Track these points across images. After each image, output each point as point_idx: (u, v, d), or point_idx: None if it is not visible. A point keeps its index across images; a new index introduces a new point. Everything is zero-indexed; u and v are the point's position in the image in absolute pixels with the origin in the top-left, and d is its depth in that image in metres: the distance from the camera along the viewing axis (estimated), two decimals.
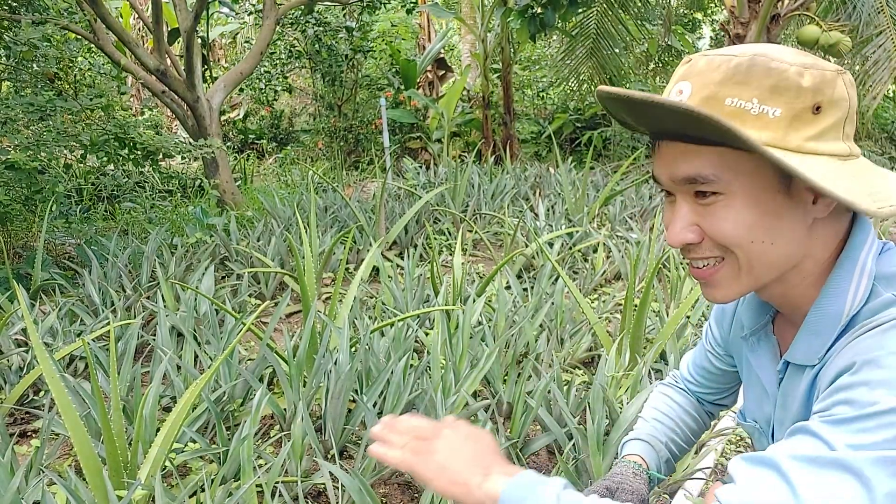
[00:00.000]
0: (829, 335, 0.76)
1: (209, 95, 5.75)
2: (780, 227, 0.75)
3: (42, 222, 3.70)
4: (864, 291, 0.75)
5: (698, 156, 0.74)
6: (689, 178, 0.75)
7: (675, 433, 1.14)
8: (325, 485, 1.78)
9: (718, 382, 1.14)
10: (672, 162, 0.77)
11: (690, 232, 0.77)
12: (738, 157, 0.73)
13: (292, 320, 3.36)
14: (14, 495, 1.55)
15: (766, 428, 0.92)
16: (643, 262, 3.57)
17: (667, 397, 1.19)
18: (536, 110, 10.56)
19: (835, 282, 0.77)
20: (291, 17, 8.65)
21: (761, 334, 0.91)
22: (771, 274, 0.78)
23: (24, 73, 4.81)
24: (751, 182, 0.74)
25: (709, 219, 0.76)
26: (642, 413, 1.19)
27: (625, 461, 1.08)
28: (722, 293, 0.80)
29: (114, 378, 1.76)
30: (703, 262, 0.79)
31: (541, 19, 5.21)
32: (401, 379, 2.10)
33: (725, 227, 0.75)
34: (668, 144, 0.77)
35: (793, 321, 0.85)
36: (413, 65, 9.31)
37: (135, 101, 11.47)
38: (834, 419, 0.65)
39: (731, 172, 0.73)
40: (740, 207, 0.74)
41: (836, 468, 0.61)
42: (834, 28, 4.61)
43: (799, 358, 0.80)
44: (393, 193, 5.30)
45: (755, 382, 0.93)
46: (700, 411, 1.18)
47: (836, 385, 0.69)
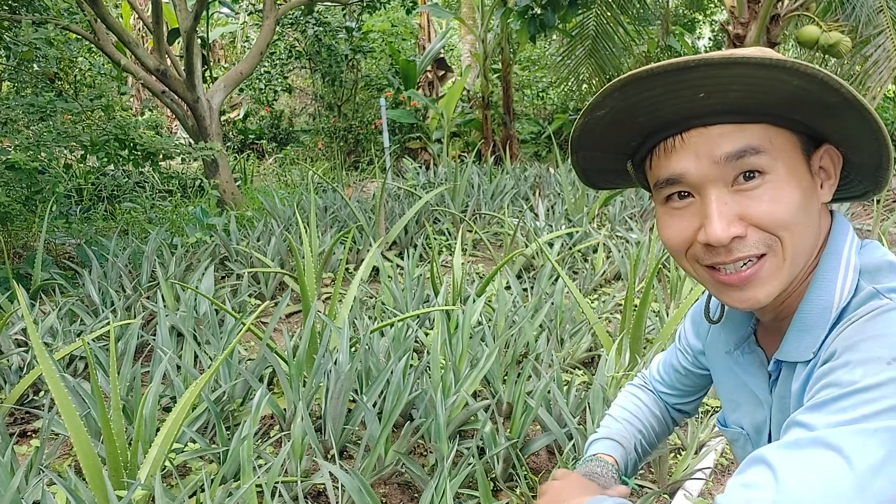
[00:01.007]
0: (820, 330, 0.76)
1: (209, 95, 5.75)
2: (811, 209, 0.75)
3: (42, 222, 3.71)
4: (851, 285, 0.75)
5: (743, 132, 0.72)
6: (737, 153, 0.71)
7: (642, 435, 1.12)
8: (325, 485, 1.78)
9: (687, 385, 1.13)
10: (709, 145, 0.73)
11: (737, 225, 0.73)
12: (778, 133, 0.72)
13: (292, 320, 3.36)
14: (14, 495, 1.55)
15: (755, 435, 0.91)
16: (643, 263, 3.57)
17: (635, 398, 1.17)
18: (536, 110, 10.56)
19: (822, 275, 0.77)
20: (291, 17, 8.66)
21: (745, 347, 0.91)
22: (801, 264, 0.76)
23: (24, 73, 4.81)
24: (790, 160, 0.73)
25: (756, 204, 0.72)
26: (611, 412, 1.16)
27: (601, 460, 1.04)
28: (765, 291, 0.76)
29: (114, 378, 1.76)
30: (743, 263, 0.75)
31: (541, 20, 5.21)
32: (401, 379, 2.10)
33: (778, 208, 0.72)
34: (701, 131, 0.73)
35: (776, 327, 0.85)
36: (413, 65, 9.32)
37: (135, 101, 11.48)
38: (815, 403, 0.65)
39: (775, 148, 0.72)
40: (786, 187, 0.72)
41: (815, 446, 0.61)
42: (834, 28, 4.61)
43: (791, 355, 0.79)
44: (393, 193, 5.30)
45: (742, 391, 0.92)
46: (665, 414, 1.17)
47: (818, 374, 0.70)
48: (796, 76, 0.66)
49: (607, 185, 0.95)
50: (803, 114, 0.72)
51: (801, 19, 5.49)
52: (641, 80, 0.70)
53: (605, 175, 0.90)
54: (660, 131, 0.76)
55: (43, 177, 4.16)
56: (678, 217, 0.78)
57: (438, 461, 1.88)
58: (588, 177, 0.91)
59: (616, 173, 0.89)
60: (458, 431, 2.11)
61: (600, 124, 0.78)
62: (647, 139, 0.78)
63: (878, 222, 4.31)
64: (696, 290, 2.80)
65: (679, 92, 0.70)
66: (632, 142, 0.80)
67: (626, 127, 0.77)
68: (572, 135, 0.82)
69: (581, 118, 0.78)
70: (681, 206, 0.77)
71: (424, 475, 1.83)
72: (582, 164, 0.87)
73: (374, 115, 9.38)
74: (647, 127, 0.77)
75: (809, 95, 0.68)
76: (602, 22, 7.15)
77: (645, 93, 0.72)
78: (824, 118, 0.72)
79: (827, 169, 0.78)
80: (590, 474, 1.00)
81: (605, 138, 0.80)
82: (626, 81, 0.71)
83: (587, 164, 0.87)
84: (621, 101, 0.73)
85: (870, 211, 5.13)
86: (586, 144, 0.82)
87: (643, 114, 0.74)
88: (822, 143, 0.77)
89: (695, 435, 2.07)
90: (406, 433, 1.92)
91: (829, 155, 0.78)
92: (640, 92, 0.72)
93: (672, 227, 0.79)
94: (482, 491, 1.69)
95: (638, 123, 0.76)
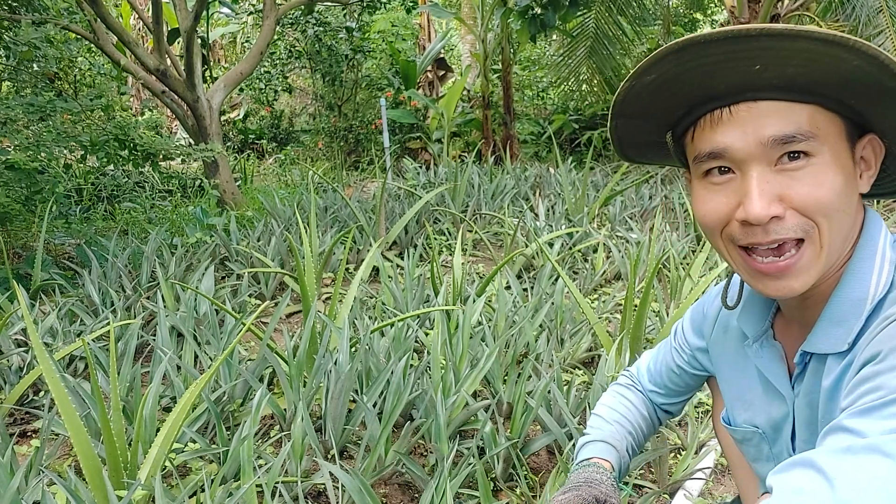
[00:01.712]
0: (854, 321, 0.74)
1: (209, 95, 5.75)
2: (851, 197, 0.74)
3: (42, 222, 3.70)
4: (888, 279, 0.74)
5: (792, 112, 0.70)
6: (785, 137, 0.70)
7: (632, 436, 1.09)
8: (325, 485, 1.78)
9: (678, 385, 1.11)
10: (757, 122, 0.71)
11: (777, 205, 0.71)
12: (827, 117, 0.71)
13: (292, 320, 3.36)
14: (14, 495, 1.55)
15: (772, 433, 0.89)
16: (643, 262, 3.57)
17: (624, 398, 1.14)
18: (536, 110, 10.56)
19: (856, 267, 0.75)
20: (291, 17, 8.66)
21: (763, 340, 0.89)
22: (837, 253, 0.75)
23: (24, 73, 4.81)
24: (835, 145, 0.72)
25: (797, 185, 0.71)
26: (599, 412, 1.12)
27: (599, 466, 1.00)
28: (801, 281, 0.74)
29: (114, 378, 1.76)
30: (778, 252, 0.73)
31: (541, 20, 5.21)
32: (401, 379, 2.10)
33: (820, 192, 0.70)
34: (750, 106, 0.71)
35: (800, 318, 0.83)
36: (413, 65, 9.32)
37: (135, 101, 11.48)
38: (863, 409, 0.64)
39: (822, 133, 0.71)
40: (830, 171, 0.71)
41: (871, 452, 0.59)
42: (834, 28, 4.60)
43: (821, 346, 0.77)
44: (393, 193, 5.30)
45: (757, 388, 0.90)
46: (653, 414, 1.14)
47: (861, 376, 0.67)
48: (858, 56, 0.65)
49: (640, 159, 0.92)
50: (857, 97, 0.71)
51: (801, 19, 5.49)
52: (699, 44, 0.68)
53: (641, 147, 0.88)
54: (707, 102, 0.74)
55: (43, 177, 4.16)
56: (716, 192, 0.76)
57: (438, 461, 1.88)
58: (623, 147, 0.88)
59: (653, 146, 0.86)
60: (459, 431, 2.11)
61: (647, 90, 0.75)
62: (693, 110, 0.76)
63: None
64: (697, 290, 2.80)
65: (736, 62, 0.68)
66: (677, 111, 0.78)
67: (673, 95, 0.75)
68: (615, 100, 0.78)
69: (627, 83, 0.75)
70: (720, 181, 0.75)
71: (424, 475, 1.83)
72: (620, 133, 0.84)
73: (375, 115, 9.38)
74: (695, 96, 0.74)
75: (868, 77, 0.67)
76: (602, 22, 7.16)
77: (701, 59, 0.69)
78: (878, 104, 0.71)
79: (868, 159, 0.77)
80: (589, 481, 0.96)
81: (650, 105, 0.78)
82: (683, 45, 0.68)
83: (625, 133, 0.85)
84: (675, 66, 0.71)
85: None
86: (629, 111, 0.80)
87: (694, 82, 0.72)
88: (867, 132, 0.76)
89: (695, 435, 2.07)
90: (406, 433, 1.92)
91: (872, 145, 0.77)
92: (696, 58, 0.69)
93: (710, 202, 0.77)
94: (482, 491, 1.69)
95: (687, 92, 0.74)
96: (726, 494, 1.95)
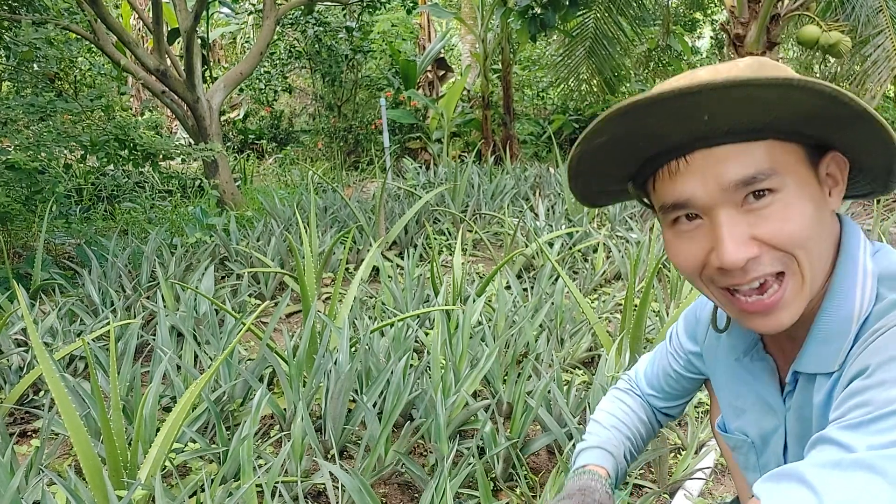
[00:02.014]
0: (842, 341, 0.74)
1: (209, 96, 5.75)
2: (824, 219, 0.73)
3: (42, 222, 3.71)
4: (871, 294, 0.73)
5: (749, 153, 0.69)
6: (746, 180, 0.69)
7: (631, 442, 1.09)
8: (325, 485, 1.78)
9: (675, 389, 1.10)
10: (715, 169, 0.70)
11: (750, 245, 0.70)
12: (784, 148, 0.70)
13: (292, 320, 3.36)
14: (14, 495, 1.55)
15: (761, 444, 0.90)
16: (643, 262, 3.57)
17: (623, 404, 1.14)
18: (536, 110, 10.56)
19: (840, 284, 0.75)
20: (291, 17, 8.66)
21: (753, 353, 0.89)
22: (821, 278, 0.74)
23: (24, 73, 4.81)
24: (798, 173, 0.71)
25: (768, 223, 0.70)
26: (597, 417, 1.12)
27: (595, 474, 1.00)
28: (789, 314, 0.73)
29: (114, 378, 1.76)
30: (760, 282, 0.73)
31: (541, 19, 5.21)
32: (401, 379, 2.10)
33: (791, 227, 0.70)
34: (705, 153, 0.70)
35: (788, 334, 0.82)
36: (413, 65, 9.32)
37: (135, 101, 11.48)
38: (852, 423, 0.64)
39: (782, 166, 0.70)
40: (797, 202, 0.70)
41: (860, 468, 0.60)
42: (833, 28, 4.60)
43: (811, 367, 0.77)
44: (393, 193, 5.30)
45: (749, 398, 0.90)
46: (652, 419, 1.14)
47: (850, 390, 0.67)
48: (806, 93, 0.64)
49: (610, 202, 0.92)
50: (813, 128, 0.70)
51: (801, 19, 5.49)
52: (643, 107, 0.67)
53: (607, 196, 0.88)
54: (662, 155, 0.74)
55: (43, 177, 4.16)
56: (688, 240, 0.75)
57: (438, 461, 1.88)
58: (588, 199, 0.88)
59: (618, 195, 0.86)
60: (458, 431, 2.11)
61: (601, 151, 0.75)
62: (649, 163, 0.76)
63: (879, 222, 4.31)
64: (696, 290, 2.79)
65: (682, 118, 0.68)
66: (632, 166, 0.78)
67: (626, 152, 0.75)
68: (569, 162, 0.79)
69: (578, 146, 0.75)
70: (689, 228, 0.75)
71: (424, 475, 1.83)
72: (582, 190, 0.85)
73: (375, 115, 9.38)
74: (648, 151, 0.74)
75: (822, 111, 0.66)
76: (602, 22, 7.15)
77: (647, 119, 0.69)
78: (834, 130, 0.71)
79: (834, 175, 0.76)
80: (584, 489, 0.96)
81: (605, 164, 0.78)
82: (627, 109, 0.67)
83: (587, 189, 0.85)
84: (622, 127, 0.70)
85: (870, 211, 5.13)
86: (585, 171, 0.80)
87: (644, 139, 0.72)
88: (828, 150, 0.75)
89: (695, 435, 2.07)
90: (406, 433, 1.92)
91: (835, 161, 0.76)
92: (642, 118, 0.69)
93: (682, 250, 0.76)
94: (482, 491, 1.69)
95: (639, 148, 0.74)
96: (726, 494, 1.95)
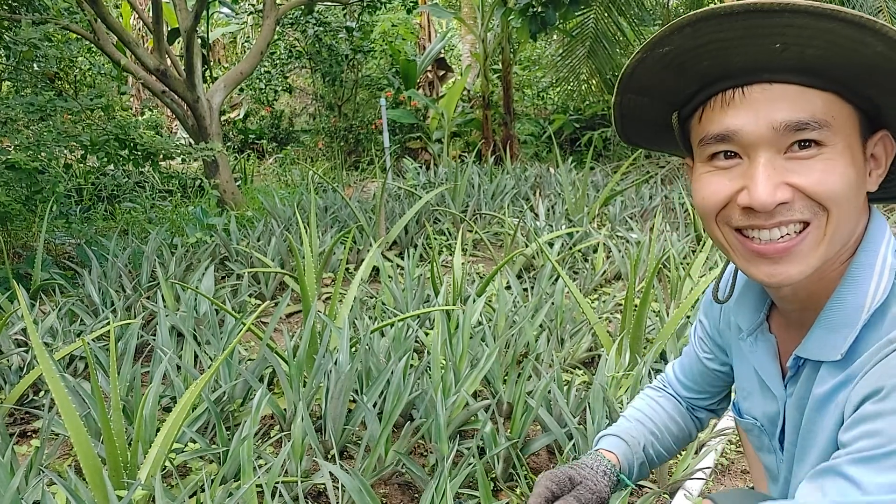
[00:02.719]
0: (850, 330, 0.72)
1: (209, 95, 5.75)
2: (860, 192, 0.72)
3: (42, 222, 3.71)
4: (886, 286, 0.71)
5: (808, 98, 0.67)
6: (798, 124, 0.67)
7: (655, 437, 1.06)
8: (325, 485, 1.78)
9: (711, 384, 1.07)
10: (771, 105, 0.68)
11: (784, 190, 0.68)
12: (842, 107, 0.69)
13: (292, 320, 3.36)
14: (14, 495, 1.55)
15: (770, 426, 0.88)
16: (643, 262, 3.57)
17: (652, 400, 1.12)
18: (536, 110, 10.56)
19: (856, 271, 0.73)
20: (291, 17, 8.66)
21: (758, 333, 0.87)
22: (838, 247, 0.72)
23: (24, 73, 4.81)
24: (848, 137, 0.70)
25: (809, 173, 0.68)
26: (625, 412, 1.11)
27: (598, 455, 0.98)
28: (799, 268, 0.71)
29: (114, 378, 1.76)
30: (784, 231, 0.70)
31: (541, 18, 5.21)
32: (401, 379, 2.10)
33: (832, 179, 0.68)
34: (765, 88, 0.68)
35: (797, 319, 0.81)
36: (413, 65, 9.32)
37: (135, 101, 11.48)
38: (863, 457, 0.63)
39: (836, 123, 0.68)
40: (841, 163, 0.68)
41: None
42: None
43: (815, 353, 0.75)
44: (393, 193, 5.30)
45: (755, 380, 0.89)
46: (686, 418, 1.11)
47: (862, 413, 0.66)
48: (882, 41, 0.62)
49: (640, 141, 0.89)
50: (876, 87, 0.68)
51: None
52: (719, 17, 0.64)
53: (642, 128, 0.84)
54: (720, 81, 0.71)
55: (43, 177, 4.16)
56: (720, 176, 0.73)
57: (438, 461, 1.88)
58: (624, 127, 0.84)
59: (655, 127, 0.83)
60: (459, 431, 2.11)
61: (659, 64, 0.71)
62: (704, 88, 0.73)
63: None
64: (697, 289, 2.80)
65: (755, 38, 0.65)
66: (687, 89, 0.74)
67: (686, 71, 0.71)
68: (622, 73, 0.75)
69: (638, 55, 0.71)
70: (726, 165, 0.72)
71: (425, 475, 1.83)
72: (623, 110, 0.81)
73: (375, 115, 9.38)
74: (708, 74, 0.71)
75: (891, 65, 0.64)
76: (602, 22, 7.15)
77: (718, 33, 0.66)
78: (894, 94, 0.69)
79: (878, 157, 0.75)
80: (577, 465, 0.94)
81: (659, 81, 0.74)
82: (701, 17, 0.65)
83: (629, 111, 0.81)
84: (691, 39, 0.67)
85: None
86: (636, 86, 0.76)
87: (709, 57, 0.69)
88: (880, 128, 0.74)
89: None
90: (406, 433, 1.92)
91: (884, 143, 0.74)
92: (714, 31, 0.66)
93: (712, 185, 0.73)
94: (482, 491, 1.69)
95: (700, 68, 0.70)
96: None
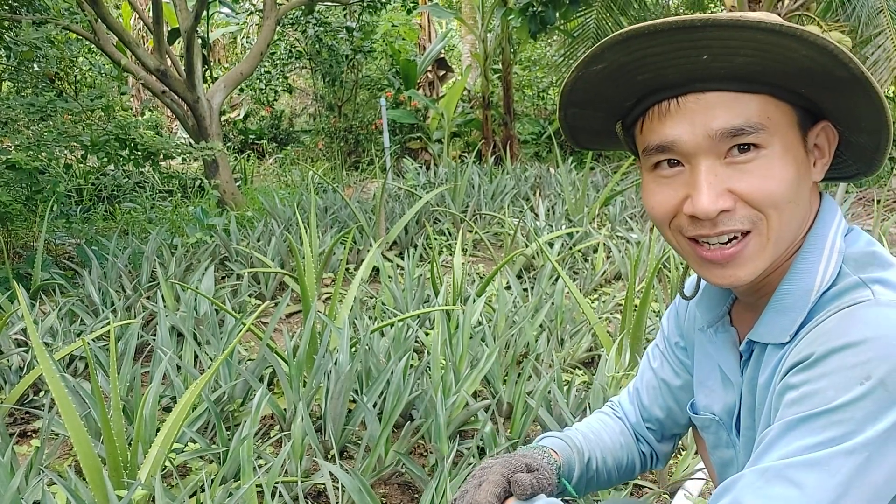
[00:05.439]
0: (798, 312, 0.74)
1: (209, 96, 5.75)
2: (803, 187, 0.73)
3: (42, 222, 3.71)
4: (834, 270, 0.73)
5: (741, 103, 0.69)
6: (733, 130, 0.69)
7: (601, 452, 1.01)
8: (325, 485, 1.78)
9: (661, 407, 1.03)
10: (705, 114, 0.70)
11: (726, 198, 0.70)
12: (777, 107, 0.70)
13: (292, 320, 3.36)
14: (14, 495, 1.55)
15: (728, 419, 0.89)
16: (643, 263, 3.57)
17: (601, 422, 1.08)
18: (537, 111, 10.56)
19: (806, 256, 0.75)
20: (292, 17, 8.66)
21: (719, 325, 0.89)
22: (785, 244, 0.75)
23: (24, 73, 4.82)
24: (786, 135, 0.71)
25: (747, 178, 0.70)
26: (571, 427, 1.07)
27: (539, 448, 0.94)
28: (747, 270, 0.74)
29: (114, 378, 1.76)
30: (728, 237, 0.72)
31: (541, 17, 5.21)
32: (401, 379, 2.10)
33: (770, 184, 0.70)
34: (698, 97, 0.70)
35: (753, 305, 0.83)
36: (413, 65, 9.32)
37: (135, 101, 11.48)
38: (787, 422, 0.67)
39: (772, 123, 0.70)
40: (780, 163, 0.70)
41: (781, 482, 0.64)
42: (834, 28, 4.60)
43: (764, 336, 0.77)
44: (393, 194, 5.30)
45: (716, 373, 0.90)
46: (632, 447, 1.06)
47: (791, 379, 0.69)
48: (807, 46, 0.64)
49: (593, 146, 0.92)
50: (808, 87, 0.70)
51: (801, 19, 5.49)
52: (646, 35, 0.67)
53: (592, 136, 0.87)
54: (655, 93, 0.73)
55: (43, 177, 4.16)
56: (665, 185, 0.75)
57: (438, 461, 1.88)
58: (575, 135, 0.88)
59: (604, 134, 0.85)
60: (459, 431, 2.11)
61: (596, 79, 0.74)
62: (642, 100, 0.75)
63: (879, 222, 4.30)
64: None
65: (683, 51, 0.67)
66: (625, 101, 0.77)
67: (622, 85, 0.74)
68: (563, 89, 0.78)
69: (575, 72, 0.74)
70: (669, 174, 0.75)
71: (424, 475, 1.83)
72: (569, 122, 0.84)
73: (375, 115, 9.38)
74: (644, 86, 0.73)
75: (818, 67, 0.66)
76: (603, 22, 7.15)
77: (648, 49, 0.68)
78: (829, 93, 0.70)
79: (821, 147, 0.76)
80: (527, 455, 0.90)
81: (598, 95, 0.77)
82: (629, 35, 0.67)
83: (575, 122, 0.84)
84: (622, 55, 0.70)
85: (870, 211, 5.13)
86: (577, 101, 0.79)
87: (643, 71, 0.71)
88: (820, 119, 0.75)
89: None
90: (406, 433, 1.92)
91: (825, 133, 0.76)
92: (644, 47, 0.68)
93: (658, 195, 0.76)
94: None
95: (635, 82, 0.73)
96: None
